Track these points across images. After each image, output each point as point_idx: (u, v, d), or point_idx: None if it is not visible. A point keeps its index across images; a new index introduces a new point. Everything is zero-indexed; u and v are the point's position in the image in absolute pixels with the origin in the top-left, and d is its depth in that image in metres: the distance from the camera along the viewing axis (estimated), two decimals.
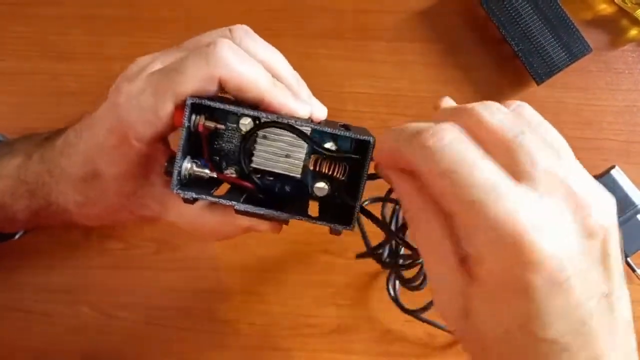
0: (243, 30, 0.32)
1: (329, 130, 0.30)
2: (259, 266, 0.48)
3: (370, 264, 0.48)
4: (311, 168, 0.32)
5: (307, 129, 0.31)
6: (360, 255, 0.44)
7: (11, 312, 0.48)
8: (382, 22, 0.50)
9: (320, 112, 0.34)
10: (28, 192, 0.37)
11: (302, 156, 0.32)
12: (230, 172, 0.32)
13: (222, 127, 0.31)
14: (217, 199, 0.30)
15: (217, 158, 0.33)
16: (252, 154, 0.32)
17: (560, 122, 0.49)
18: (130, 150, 0.32)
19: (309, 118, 0.33)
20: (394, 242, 0.39)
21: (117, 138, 0.32)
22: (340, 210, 0.32)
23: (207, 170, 0.31)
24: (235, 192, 0.32)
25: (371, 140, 0.30)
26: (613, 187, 0.46)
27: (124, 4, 0.51)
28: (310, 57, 0.50)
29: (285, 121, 0.30)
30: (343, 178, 0.32)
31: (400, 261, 0.39)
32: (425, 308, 0.42)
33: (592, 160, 0.48)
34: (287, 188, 0.33)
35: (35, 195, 0.37)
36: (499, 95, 0.49)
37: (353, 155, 0.31)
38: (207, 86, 0.29)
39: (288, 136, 0.32)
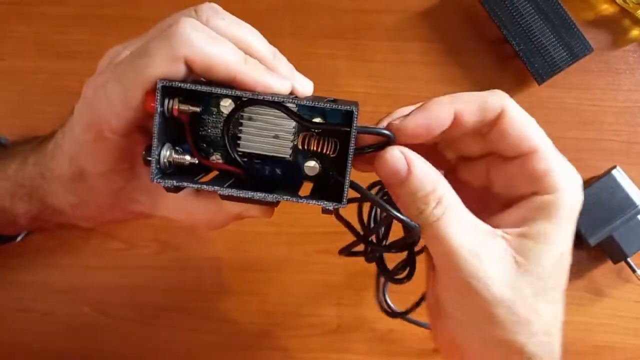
0: (210, 8, 0.31)
1: (313, 104, 0.28)
2: (259, 266, 0.48)
3: (370, 264, 0.48)
4: (300, 147, 0.31)
5: (291, 105, 0.29)
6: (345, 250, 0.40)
7: (11, 311, 0.48)
8: (383, 22, 0.50)
9: (304, 86, 0.32)
10: (26, 196, 0.37)
11: (291, 136, 0.31)
12: (217, 158, 0.31)
13: (198, 109, 0.30)
14: (199, 185, 0.29)
15: (204, 145, 0.31)
16: (239, 138, 0.31)
17: (561, 122, 0.49)
18: (108, 143, 0.31)
19: (291, 93, 0.31)
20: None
21: (92, 133, 0.31)
22: (334, 189, 0.30)
23: (187, 157, 0.29)
24: (224, 178, 0.31)
25: (354, 110, 0.28)
26: (614, 187, 0.46)
27: (125, 3, 0.51)
28: (311, 56, 0.50)
29: (265, 98, 0.28)
30: (333, 155, 0.31)
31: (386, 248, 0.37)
32: (409, 311, 0.42)
33: (593, 160, 0.48)
34: (279, 171, 0.32)
35: (32, 198, 0.37)
36: None
37: (339, 128, 0.29)
38: (173, 69, 0.28)
39: (275, 116, 0.30)
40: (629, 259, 0.46)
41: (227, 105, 0.30)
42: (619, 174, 0.46)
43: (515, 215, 0.29)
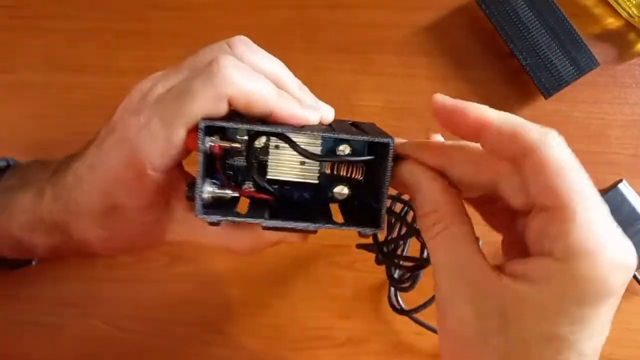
0: (242, 43, 0.32)
1: (344, 136, 0.30)
2: (268, 280, 0.49)
3: (379, 276, 0.48)
4: (328, 172, 0.32)
5: (318, 139, 0.31)
6: (361, 246, 0.44)
7: (22, 325, 0.48)
8: (391, 37, 0.51)
9: (328, 114, 0.34)
10: (46, 229, 0.37)
11: (318, 162, 0.32)
12: (248, 187, 0.32)
13: (238, 145, 0.31)
14: (242, 219, 0.30)
15: (231, 173, 0.33)
16: (267, 166, 0.32)
17: (568, 135, 0.48)
18: (148, 180, 0.31)
19: (320, 123, 0.32)
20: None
21: (133, 171, 0.31)
22: (361, 210, 0.31)
23: (228, 191, 0.31)
24: (257, 205, 0.32)
25: (390, 142, 0.29)
26: (620, 200, 0.46)
27: (135, 18, 0.52)
28: (319, 70, 0.50)
29: (305, 132, 0.30)
30: (361, 178, 0.32)
31: (398, 260, 0.39)
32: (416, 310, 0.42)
33: (600, 174, 0.49)
34: (306, 195, 0.33)
35: (54, 231, 0.37)
36: (507, 108, 0.49)
37: (370, 157, 0.31)
38: (217, 107, 0.29)
39: (301, 144, 0.31)
40: (635, 273, 0.46)
41: (259, 138, 0.31)
42: (625, 188, 0.46)
43: (523, 267, 0.26)
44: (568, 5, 0.49)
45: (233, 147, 0.31)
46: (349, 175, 0.32)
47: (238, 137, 0.32)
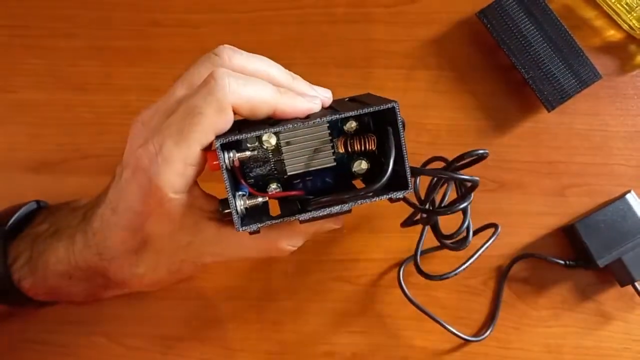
0: (228, 49, 0.32)
1: (351, 114, 0.30)
2: (273, 295, 0.48)
3: (385, 291, 0.48)
4: (342, 151, 0.33)
5: (325, 122, 0.32)
6: (407, 223, 0.44)
7: (27, 343, 0.48)
8: (393, 51, 0.51)
9: (326, 97, 0.35)
10: (83, 276, 0.37)
11: (330, 145, 0.33)
12: (274, 188, 0.33)
13: (255, 153, 0.32)
14: (280, 219, 0.31)
15: (252, 181, 0.34)
16: (284, 164, 0.33)
17: (571, 147, 0.49)
18: (173, 203, 0.31)
19: (322, 108, 0.33)
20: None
21: (156, 199, 0.31)
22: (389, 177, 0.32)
23: (259, 199, 0.31)
24: (287, 203, 0.33)
25: (395, 106, 0.30)
26: (626, 210, 0.46)
27: (137, 36, 0.52)
28: (322, 85, 0.49)
29: (313, 122, 0.30)
30: (375, 149, 0.33)
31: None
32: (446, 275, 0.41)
33: (604, 185, 0.49)
34: (329, 179, 0.34)
35: (91, 277, 0.37)
36: (510, 121, 0.50)
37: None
38: (224, 119, 0.30)
39: (309, 133, 0.32)
40: (636, 283, 0.46)
41: (269, 139, 0.32)
42: (632, 199, 0.46)
43: None
44: (569, 18, 0.49)
45: (251, 155, 0.32)
46: (363, 148, 0.32)
47: (249, 144, 0.32)
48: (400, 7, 0.51)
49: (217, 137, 0.29)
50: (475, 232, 0.45)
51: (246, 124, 0.32)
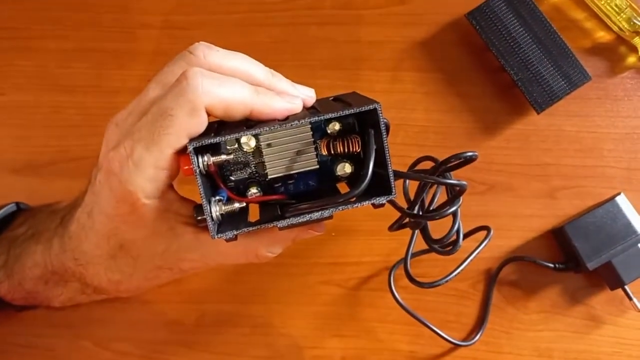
0: (203, 47, 0.31)
1: (331, 115, 0.29)
2: (260, 298, 0.48)
3: (374, 294, 0.48)
4: (325, 153, 0.32)
5: (307, 124, 0.30)
6: (395, 226, 0.42)
7: (13, 346, 0.48)
8: (381, 52, 0.50)
9: (308, 95, 0.33)
10: (60, 280, 0.36)
11: (313, 147, 0.32)
12: (254, 192, 0.32)
13: (231, 157, 0.31)
14: (257, 226, 0.30)
15: (232, 184, 0.32)
16: (265, 166, 0.32)
17: (561, 150, 0.49)
18: (145, 209, 0.30)
19: (304, 108, 0.32)
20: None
21: (128, 204, 0.30)
22: (372, 182, 0.31)
23: (236, 204, 0.30)
24: (267, 207, 0.32)
25: (377, 107, 0.29)
26: (616, 213, 0.46)
27: (126, 38, 0.52)
28: (311, 87, 0.50)
29: (292, 124, 0.29)
30: (359, 150, 0.31)
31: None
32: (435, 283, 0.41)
33: (595, 188, 0.48)
34: (312, 182, 0.33)
35: (68, 282, 0.36)
36: (499, 123, 0.49)
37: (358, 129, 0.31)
38: (196, 121, 0.28)
39: (291, 134, 0.31)
40: (626, 287, 0.46)
41: (248, 142, 0.31)
42: (622, 201, 0.46)
43: None
44: (558, 20, 0.49)
45: (228, 159, 0.31)
46: (346, 151, 0.31)
47: (228, 147, 0.31)
48: (389, 9, 0.51)
49: (191, 140, 0.28)
50: (467, 235, 0.44)
51: (224, 126, 0.31)
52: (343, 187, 0.34)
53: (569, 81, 0.47)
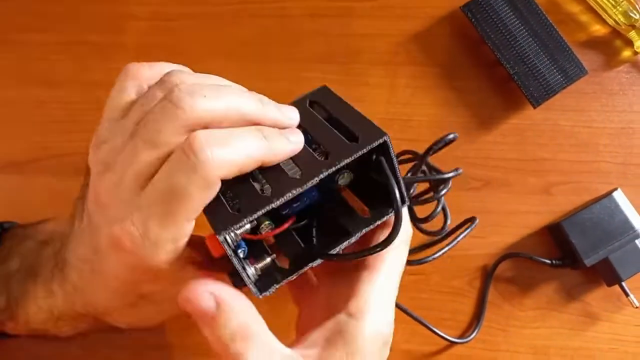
0: (184, 94, 0.27)
1: (347, 161, 0.28)
2: (253, 300, 0.47)
3: None
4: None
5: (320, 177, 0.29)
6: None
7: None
8: (376, 46, 0.49)
9: (292, 118, 0.31)
10: (72, 319, 0.35)
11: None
12: (268, 225, 0.30)
13: (252, 225, 0.29)
14: (297, 274, 0.29)
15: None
16: (264, 192, 0.30)
17: (556, 144, 0.49)
18: (166, 272, 0.29)
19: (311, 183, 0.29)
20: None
21: (147, 272, 0.29)
22: (373, 184, 0.31)
23: (268, 258, 0.30)
24: (283, 237, 0.31)
25: (387, 140, 0.28)
26: (613, 209, 0.45)
27: (110, 29, 0.50)
28: (301, 81, 0.49)
29: (302, 188, 0.28)
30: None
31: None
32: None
33: (591, 183, 0.48)
34: (314, 194, 0.31)
35: (81, 320, 0.35)
36: (494, 118, 0.49)
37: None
38: (211, 194, 0.27)
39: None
40: (623, 283, 0.45)
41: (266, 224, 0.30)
42: (619, 197, 0.46)
43: (324, 333, 0.29)
44: (554, 13, 0.48)
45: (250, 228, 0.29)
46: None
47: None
48: (383, 1, 0.50)
49: (217, 229, 0.27)
50: (456, 229, 0.44)
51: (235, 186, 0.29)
52: (348, 194, 0.33)
53: (565, 75, 0.47)
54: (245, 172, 0.28)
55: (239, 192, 0.29)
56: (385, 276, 0.30)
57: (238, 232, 0.28)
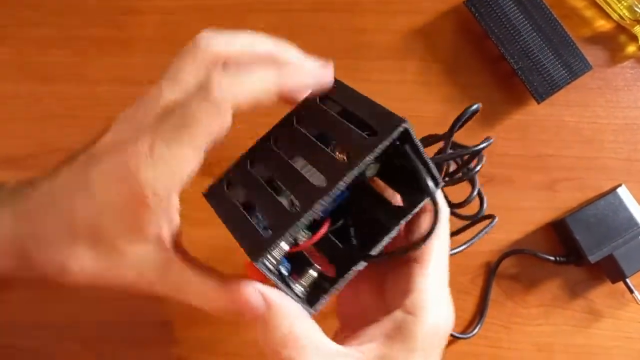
0: (206, 37, 0.29)
1: (367, 161, 0.27)
2: None
3: None
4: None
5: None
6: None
7: None
8: (378, 41, 0.49)
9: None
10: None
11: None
12: (303, 235, 0.30)
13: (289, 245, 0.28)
14: (344, 282, 0.28)
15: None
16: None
17: (561, 140, 0.48)
18: (147, 210, 0.28)
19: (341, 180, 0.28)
20: None
21: (131, 197, 0.28)
22: (401, 169, 0.30)
23: (313, 272, 0.29)
24: (321, 242, 0.30)
25: (407, 126, 0.27)
26: (617, 205, 0.45)
27: (109, 24, 0.49)
28: None
29: (329, 197, 0.27)
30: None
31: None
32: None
33: (595, 179, 0.47)
34: (344, 193, 0.30)
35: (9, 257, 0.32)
36: (498, 113, 0.48)
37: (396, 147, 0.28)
38: (221, 126, 0.27)
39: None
40: (627, 280, 0.45)
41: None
42: (624, 193, 0.45)
43: (381, 330, 0.28)
44: (558, 7, 0.48)
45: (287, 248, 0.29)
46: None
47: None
48: None
49: (252, 254, 0.26)
50: (471, 224, 0.44)
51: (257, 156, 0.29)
52: (376, 183, 0.32)
53: (570, 70, 0.46)
54: (261, 104, 0.28)
55: (267, 210, 0.28)
56: (435, 266, 0.30)
57: (276, 254, 0.27)
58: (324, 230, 0.29)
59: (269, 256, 0.27)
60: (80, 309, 0.45)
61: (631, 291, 0.45)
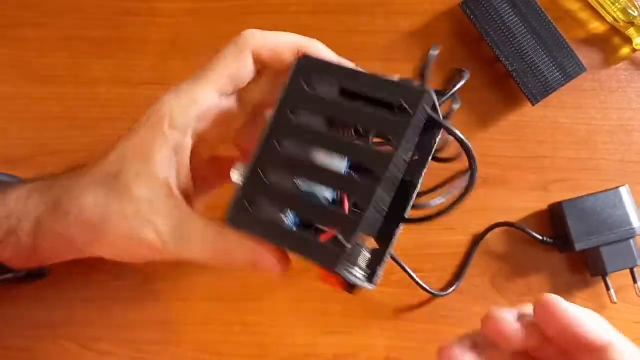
0: (250, 34, 0.32)
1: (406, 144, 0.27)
2: (250, 295, 0.47)
3: (365, 290, 0.46)
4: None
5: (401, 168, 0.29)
6: None
7: None
8: (374, 43, 0.49)
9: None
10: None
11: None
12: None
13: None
14: (391, 248, 0.31)
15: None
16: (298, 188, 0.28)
17: (555, 142, 0.49)
18: (161, 141, 0.31)
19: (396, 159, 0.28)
20: None
21: (149, 131, 0.31)
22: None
23: (367, 254, 0.30)
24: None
25: (432, 93, 0.28)
26: (617, 203, 0.45)
27: (107, 25, 0.50)
28: None
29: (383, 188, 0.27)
30: None
31: None
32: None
33: (589, 181, 0.48)
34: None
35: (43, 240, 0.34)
36: (493, 115, 0.49)
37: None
38: (239, 64, 0.31)
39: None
40: (606, 278, 0.45)
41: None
42: (626, 193, 0.45)
43: None
44: (553, 10, 0.48)
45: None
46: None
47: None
48: None
49: (328, 267, 0.26)
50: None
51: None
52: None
53: (564, 72, 0.47)
54: (282, 60, 0.31)
55: (322, 218, 0.28)
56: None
57: (360, 262, 0.29)
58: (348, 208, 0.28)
59: (358, 269, 0.29)
60: (71, 307, 0.46)
61: (608, 288, 0.45)
